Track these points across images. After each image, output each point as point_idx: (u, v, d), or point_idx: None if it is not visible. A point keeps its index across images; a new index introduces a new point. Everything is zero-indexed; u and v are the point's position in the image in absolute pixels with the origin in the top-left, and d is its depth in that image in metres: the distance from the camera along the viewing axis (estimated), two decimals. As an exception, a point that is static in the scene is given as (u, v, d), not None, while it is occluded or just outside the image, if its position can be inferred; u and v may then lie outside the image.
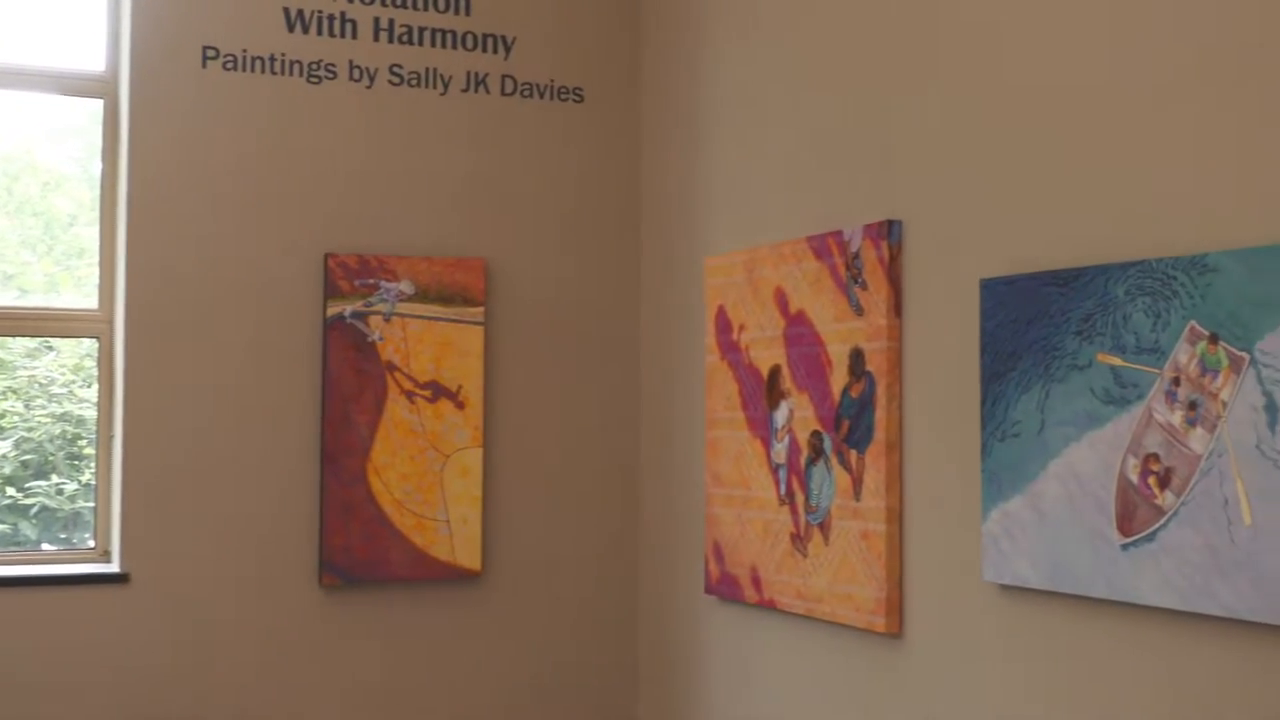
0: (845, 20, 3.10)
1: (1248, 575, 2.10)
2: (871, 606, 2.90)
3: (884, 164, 2.96)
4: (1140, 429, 2.28)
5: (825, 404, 3.06)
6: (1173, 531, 2.22)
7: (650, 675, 3.84)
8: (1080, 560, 2.39)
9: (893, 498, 2.88)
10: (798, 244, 3.16)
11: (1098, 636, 2.40)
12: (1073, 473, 2.41)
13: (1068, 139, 2.50)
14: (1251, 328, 2.10)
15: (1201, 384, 2.18)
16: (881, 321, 2.90)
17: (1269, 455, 2.07)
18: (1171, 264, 2.23)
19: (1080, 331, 2.40)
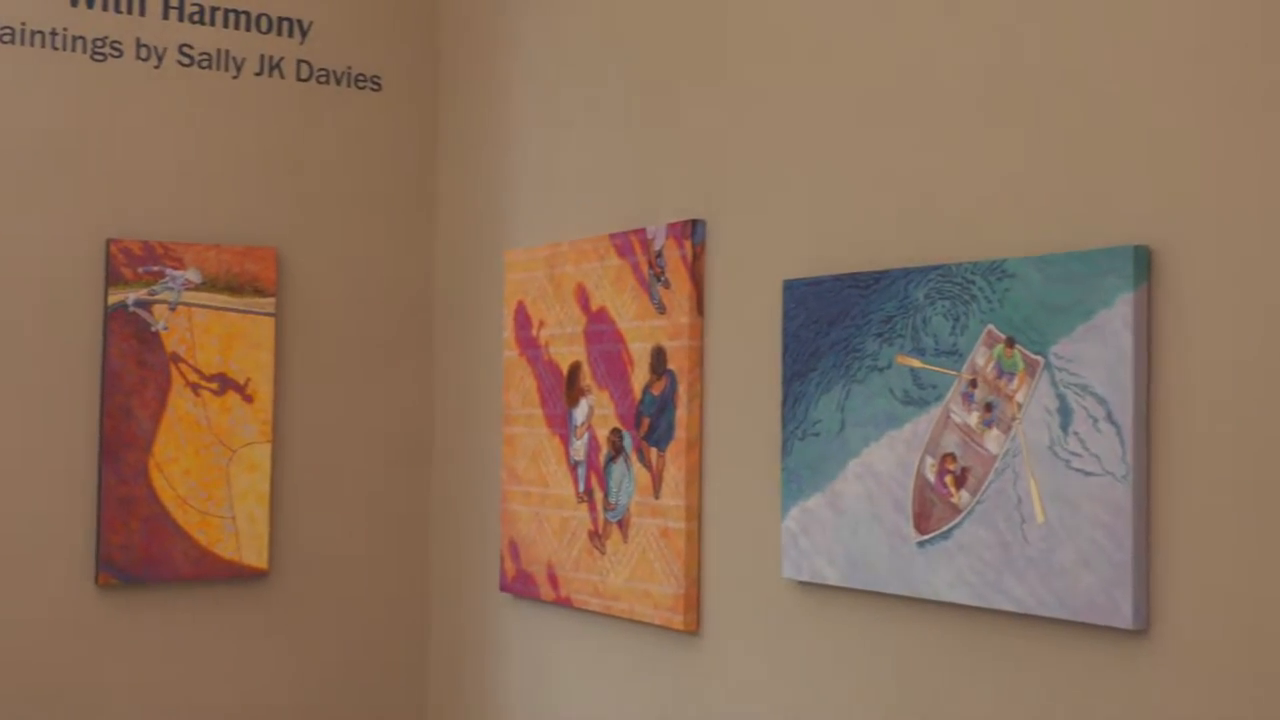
0: (651, 16, 3.11)
1: (1039, 571, 2.17)
2: (670, 604, 2.91)
3: (688, 163, 2.98)
4: (938, 429, 2.34)
5: (626, 401, 3.06)
6: (968, 529, 2.28)
7: (441, 674, 3.79)
8: (878, 557, 2.44)
9: (692, 495, 2.90)
10: (600, 241, 3.16)
11: (894, 632, 2.46)
12: (871, 472, 2.46)
13: (871, 143, 2.54)
14: (1047, 332, 2.17)
15: (998, 386, 2.24)
16: (684, 320, 2.91)
17: (1061, 455, 2.14)
18: (971, 269, 2.29)
19: (881, 333, 2.45)
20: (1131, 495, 2.05)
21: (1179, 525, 2.02)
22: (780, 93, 2.75)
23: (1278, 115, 1.92)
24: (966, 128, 2.36)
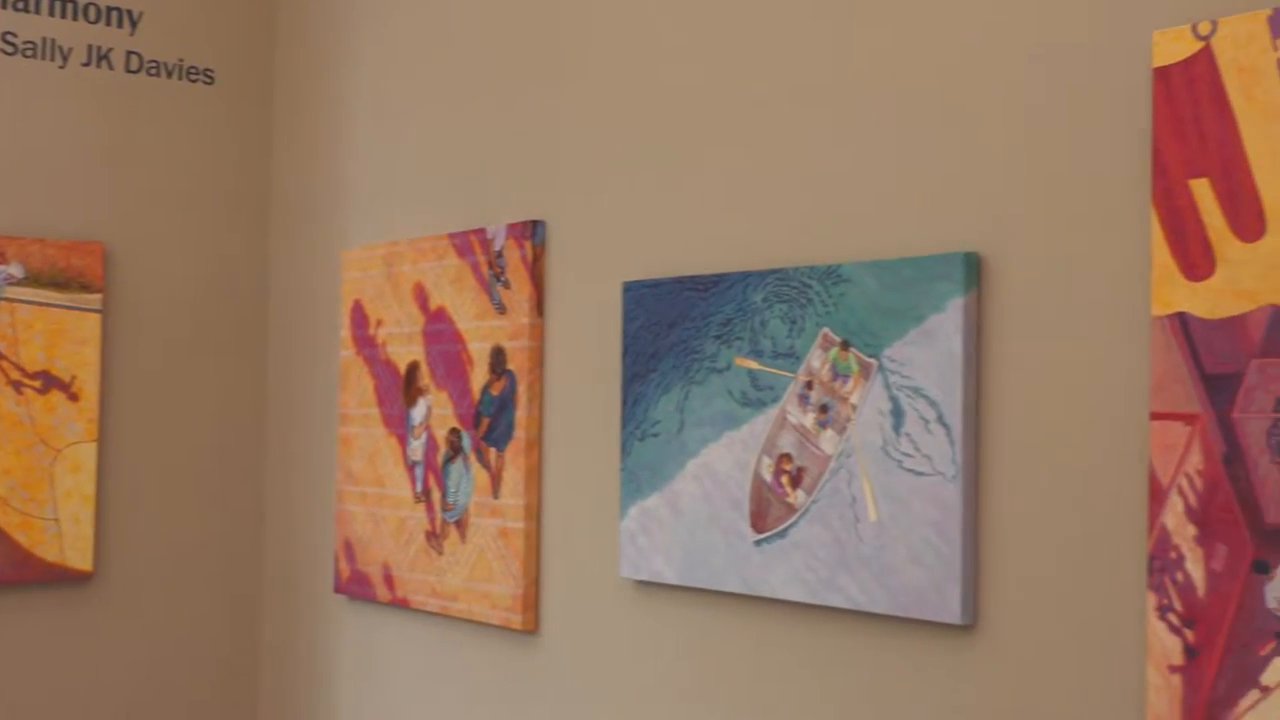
0: (493, 14, 3.11)
1: (871, 569, 2.23)
2: (508, 604, 2.92)
3: (529, 164, 2.98)
4: (775, 430, 2.39)
5: (465, 401, 3.06)
6: (803, 528, 2.33)
7: (273, 679, 3.74)
8: (715, 556, 2.48)
9: (532, 495, 2.91)
10: (439, 240, 3.15)
11: (731, 629, 2.50)
12: (710, 472, 2.50)
13: (711, 147, 2.58)
14: (880, 336, 2.23)
15: (833, 388, 2.29)
16: (524, 320, 2.92)
17: (893, 456, 2.20)
18: (808, 273, 2.35)
19: (720, 335, 2.49)
20: (960, 494, 2.12)
21: (1005, 523, 2.10)
22: (621, 94, 2.77)
23: (1099, 128, 2.01)
24: (806, 134, 2.41)
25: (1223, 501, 1.82)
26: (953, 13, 2.20)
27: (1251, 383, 1.79)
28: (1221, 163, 1.83)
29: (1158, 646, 1.87)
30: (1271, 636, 1.77)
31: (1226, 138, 1.83)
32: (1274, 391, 1.77)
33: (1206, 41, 1.85)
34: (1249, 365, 1.80)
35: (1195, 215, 1.86)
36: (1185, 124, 1.87)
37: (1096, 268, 2.00)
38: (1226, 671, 1.81)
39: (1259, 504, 1.78)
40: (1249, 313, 1.80)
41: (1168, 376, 1.87)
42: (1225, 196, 1.83)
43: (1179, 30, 1.88)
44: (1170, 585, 1.86)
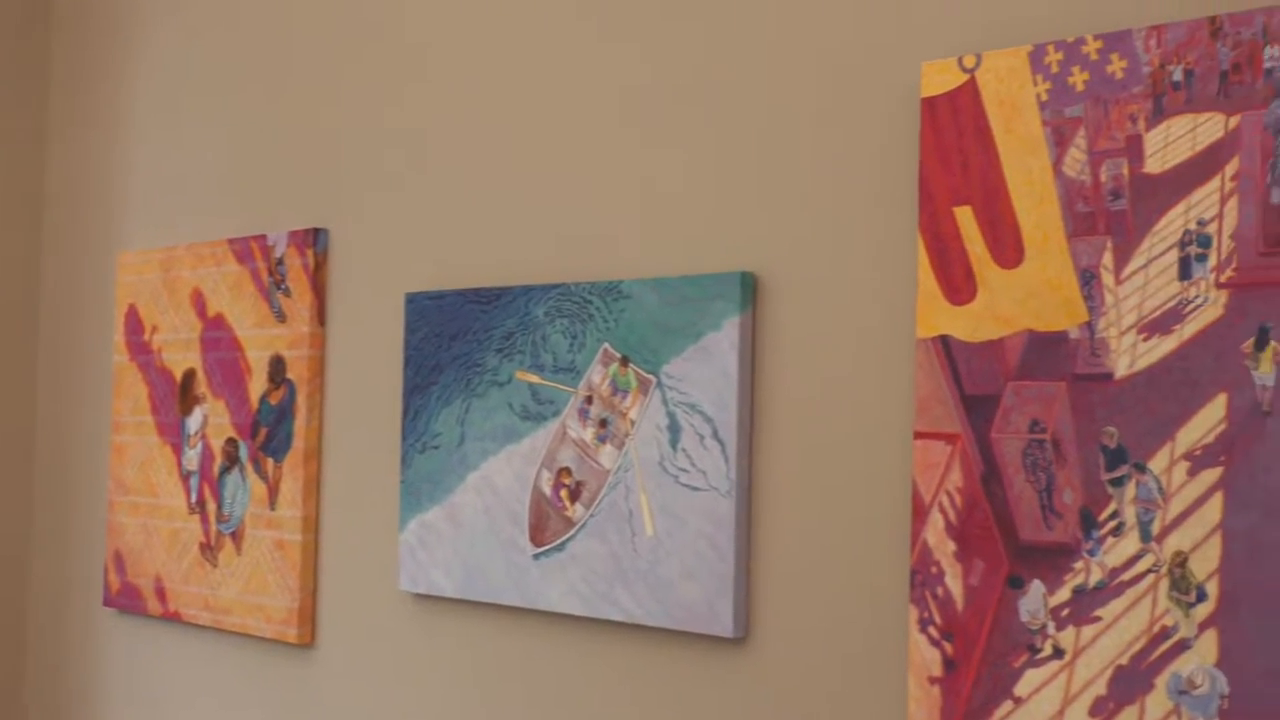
0: (279, 18, 3.06)
1: (647, 583, 2.25)
2: (283, 617, 2.87)
3: (313, 171, 2.94)
4: (555, 444, 2.39)
5: (243, 411, 2.99)
6: (581, 542, 2.34)
7: (40, 696, 3.61)
8: (494, 569, 2.47)
9: (309, 507, 2.86)
10: (218, 246, 3.08)
11: (509, 643, 2.50)
12: (490, 485, 2.49)
13: (496, 161, 2.58)
14: (659, 352, 2.26)
15: (613, 403, 2.31)
16: (304, 329, 2.87)
17: (670, 471, 2.23)
18: (589, 288, 2.36)
19: (501, 349, 2.49)
20: (734, 510, 2.15)
21: (776, 538, 2.14)
22: (408, 105, 2.75)
23: (872, 155, 2.06)
24: (590, 152, 2.43)
25: (980, 519, 1.88)
26: (733, 39, 2.24)
27: (1008, 404, 1.87)
28: (983, 192, 1.90)
29: (918, 658, 1.93)
30: (1024, 649, 1.84)
31: (988, 168, 1.90)
32: (1029, 413, 1.84)
33: (971, 74, 1.92)
34: (1006, 387, 1.87)
35: (959, 242, 1.92)
36: (950, 153, 1.93)
37: (866, 290, 2.06)
38: (982, 683, 1.87)
39: (1014, 521, 1.85)
40: (1007, 337, 1.87)
41: (930, 397, 1.94)
42: (987, 224, 1.90)
43: (946, 62, 1.95)
44: (930, 599, 1.93)
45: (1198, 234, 1.71)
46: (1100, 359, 1.79)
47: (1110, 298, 1.78)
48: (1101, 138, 1.80)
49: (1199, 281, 1.71)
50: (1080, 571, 1.79)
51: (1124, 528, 1.76)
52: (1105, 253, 1.79)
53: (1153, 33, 1.76)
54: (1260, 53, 1.67)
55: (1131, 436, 1.75)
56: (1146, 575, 1.74)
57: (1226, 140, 1.70)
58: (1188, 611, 1.70)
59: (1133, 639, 1.74)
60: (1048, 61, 1.85)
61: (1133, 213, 1.77)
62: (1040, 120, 1.86)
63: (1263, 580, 1.64)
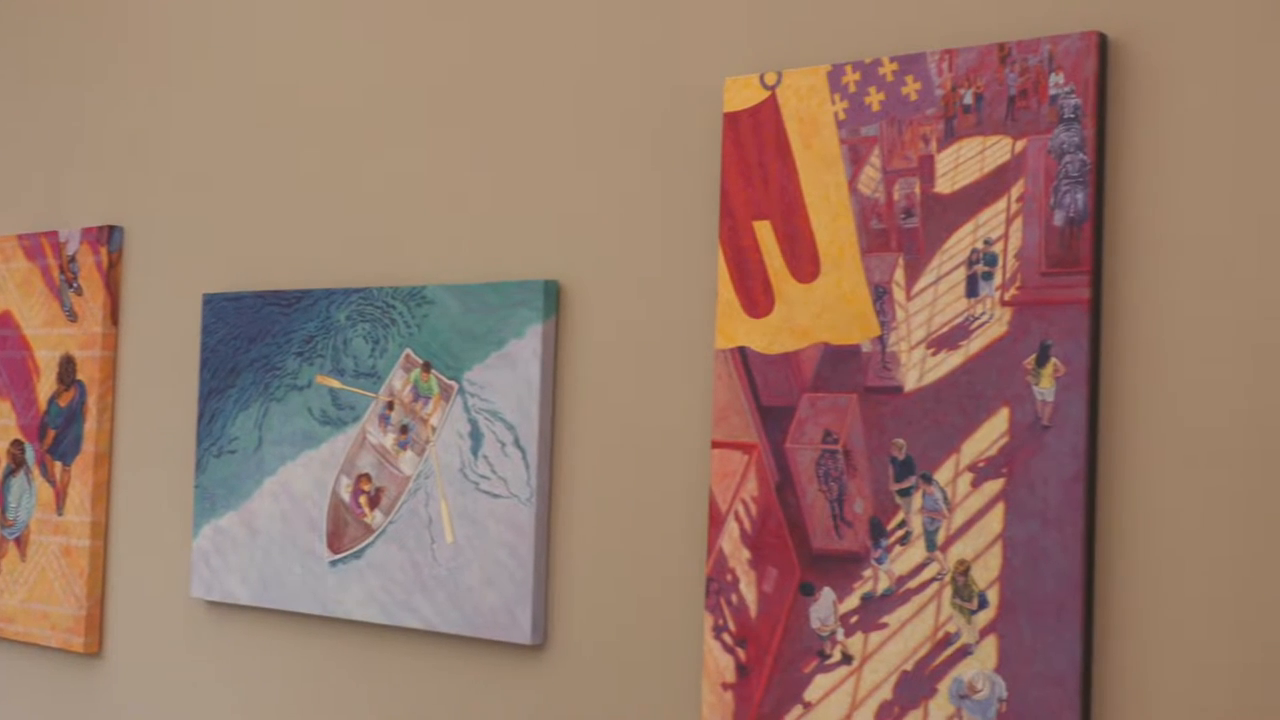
0: (75, 9, 2.97)
1: (447, 590, 2.24)
2: (69, 625, 2.78)
3: (108, 167, 2.86)
4: (355, 450, 2.37)
5: (30, 412, 2.89)
6: (380, 549, 2.32)
7: None
8: (290, 577, 2.43)
9: (99, 512, 2.78)
10: (7, 241, 2.97)
11: (306, 651, 2.46)
12: (287, 491, 2.45)
13: (298, 162, 2.54)
14: (462, 359, 2.25)
15: (414, 409, 2.30)
16: (97, 329, 2.79)
17: (471, 478, 2.22)
18: (392, 293, 2.34)
19: (301, 353, 2.45)
20: (534, 517, 2.16)
21: (576, 546, 2.15)
22: (208, 102, 2.69)
23: (676, 167, 2.09)
24: (395, 156, 2.41)
25: (774, 527, 1.92)
26: (540, 48, 2.25)
27: (803, 415, 1.90)
28: (782, 207, 1.94)
29: (713, 665, 1.96)
30: (815, 655, 1.88)
31: (787, 183, 1.94)
32: (823, 424, 1.88)
33: (772, 91, 1.96)
34: (801, 399, 1.91)
35: (757, 255, 1.96)
36: (751, 168, 1.97)
37: (667, 300, 2.08)
38: (774, 688, 1.91)
39: (807, 530, 1.89)
40: (802, 349, 1.91)
41: (728, 407, 1.97)
42: (785, 239, 1.93)
43: (748, 78, 1.98)
44: (725, 606, 1.95)
45: (984, 253, 1.77)
46: (891, 372, 1.83)
47: (901, 313, 1.83)
48: (895, 157, 1.85)
49: (985, 299, 1.77)
50: (869, 579, 1.84)
51: (911, 537, 1.81)
52: (897, 269, 1.84)
53: (945, 56, 1.82)
54: (1045, 80, 1.74)
55: (919, 448, 1.81)
56: (931, 583, 1.79)
57: (1013, 163, 1.76)
58: (970, 618, 1.76)
59: (918, 645, 1.80)
60: (845, 81, 1.90)
61: (924, 231, 1.82)
62: (837, 138, 1.90)
63: (1039, 588, 1.70)
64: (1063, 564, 1.69)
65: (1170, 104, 1.68)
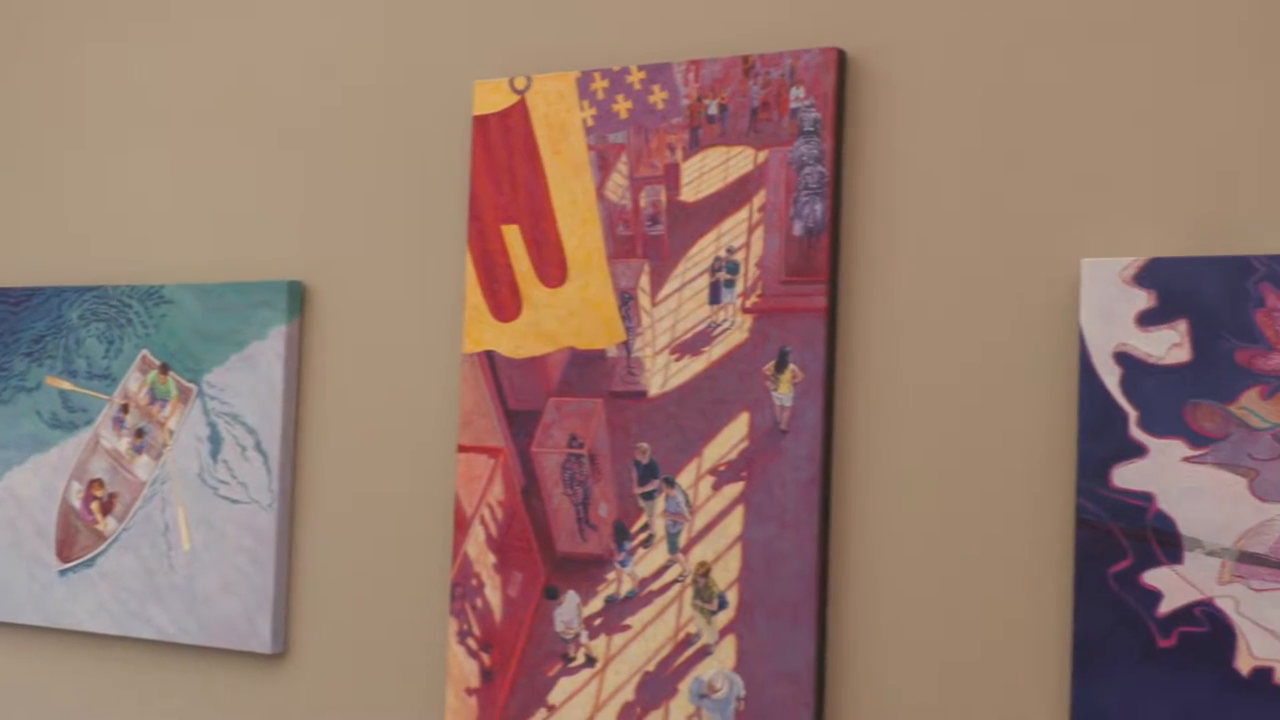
0: None
1: (183, 599, 2.17)
2: None
3: None
4: (87, 454, 2.28)
5: None
6: (113, 557, 2.24)
7: None
8: (17, 587, 2.33)
9: None
10: None
11: (32, 665, 2.35)
12: (14, 497, 2.35)
13: (29, 155, 2.44)
14: (202, 360, 2.19)
15: (150, 412, 2.22)
16: None
17: (210, 483, 2.16)
18: (128, 292, 2.26)
19: (30, 353, 2.35)
20: (275, 523, 2.11)
21: (319, 551, 2.11)
22: (-69, 89, 2.57)
23: (426, 169, 2.07)
24: (133, 152, 2.33)
25: (520, 531, 1.92)
26: (289, 45, 2.20)
27: (549, 419, 1.91)
28: (530, 212, 1.94)
29: (457, 670, 1.95)
30: (559, 658, 1.88)
31: (536, 188, 1.94)
32: (568, 428, 1.89)
33: (522, 96, 1.96)
34: (548, 403, 1.91)
35: (506, 259, 1.96)
36: (500, 172, 1.97)
37: (415, 303, 2.06)
38: (518, 692, 1.91)
39: (551, 533, 1.90)
40: (549, 354, 1.92)
41: (475, 411, 1.96)
42: (533, 244, 1.94)
43: (498, 82, 1.98)
44: (470, 611, 1.95)
45: (727, 261, 1.81)
46: (636, 377, 1.86)
47: (646, 319, 1.86)
48: (642, 165, 1.87)
49: (727, 306, 1.80)
50: (612, 582, 1.86)
51: (654, 539, 1.83)
52: (643, 275, 1.86)
53: (691, 67, 1.85)
54: (787, 93, 1.79)
55: (662, 452, 1.83)
56: (673, 585, 1.82)
57: (755, 173, 1.80)
58: (710, 619, 1.79)
59: (659, 646, 1.82)
60: (594, 88, 1.92)
61: (669, 238, 1.85)
62: (586, 144, 1.91)
63: (776, 589, 1.74)
64: (799, 565, 1.73)
65: (904, 119, 1.74)
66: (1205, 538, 1.52)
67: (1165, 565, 1.54)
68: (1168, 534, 1.54)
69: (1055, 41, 1.66)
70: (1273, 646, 1.49)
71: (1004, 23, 1.69)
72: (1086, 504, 1.57)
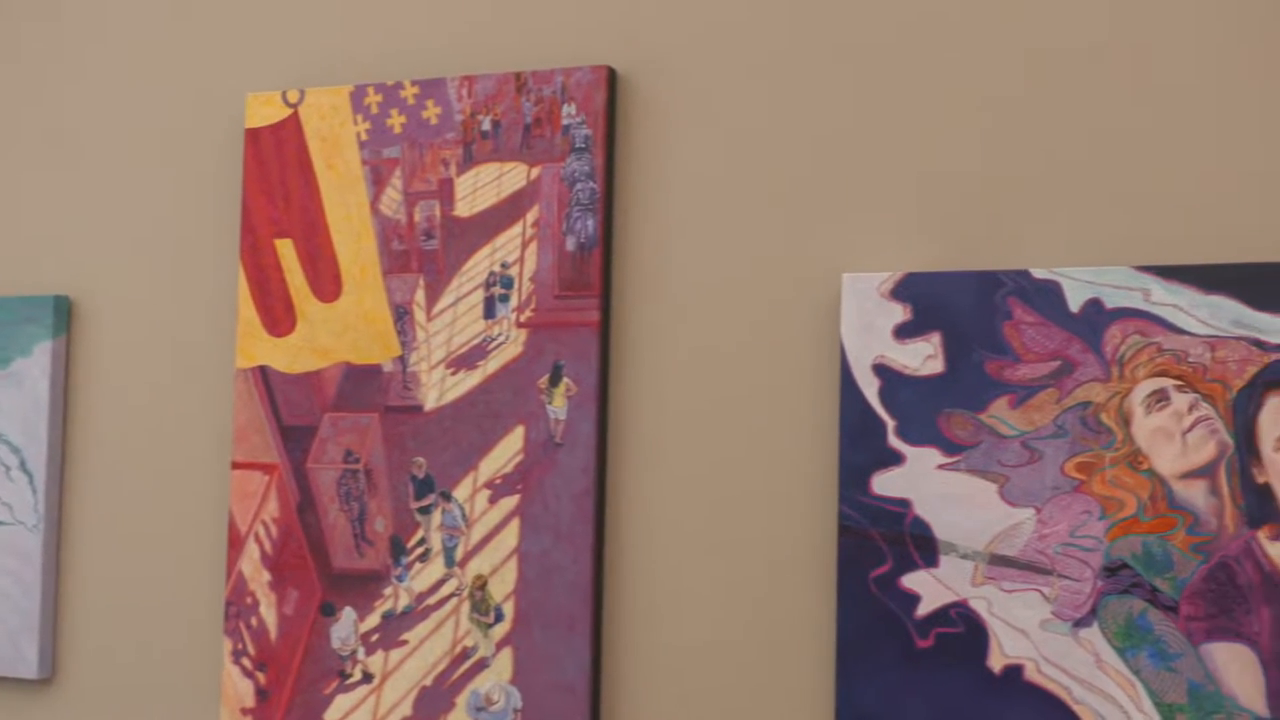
0: None
1: (-56, 625, 2.10)
2: None
3: None
4: None
5: None
6: None
7: None
8: None
9: None
10: None
11: None
12: None
13: None
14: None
15: (-93, 432, 2.14)
16: None
17: (-28, 505, 2.09)
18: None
19: None
20: (41, 544, 2.05)
21: (88, 573, 2.06)
22: None
23: (198, 182, 2.04)
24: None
25: (295, 548, 1.90)
26: (55, 54, 2.15)
27: (325, 435, 1.90)
28: (304, 225, 1.93)
29: (232, 690, 1.92)
30: (335, 675, 1.87)
31: (309, 202, 1.93)
32: (344, 444, 1.88)
33: (295, 109, 1.95)
34: (323, 418, 1.90)
35: (279, 273, 1.94)
36: (273, 185, 1.95)
37: (188, 319, 2.03)
38: (294, 710, 1.89)
39: (328, 550, 1.89)
40: (324, 369, 1.91)
41: (249, 427, 1.94)
42: (306, 258, 1.92)
43: (270, 95, 1.96)
44: (245, 630, 1.92)
45: (501, 275, 1.82)
46: (411, 392, 1.86)
47: (422, 333, 1.86)
48: (416, 179, 1.88)
49: (502, 320, 1.82)
50: (389, 597, 1.85)
51: (431, 554, 1.83)
52: (418, 290, 1.86)
53: (465, 83, 1.86)
54: (559, 110, 1.81)
55: (439, 466, 1.83)
56: (450, 599, 1.82)
57: (528, 189, 1.82)
58: (486, 632, 1.80)
59: (437, 660, 1.82)
60: (368, 102, 1.91)
61: (444, 253, 1.85)
62: (360, 159, 1.91)
63: (552, 600, 1.76)
64: (574, 576, 1.76)
65: (674, 136, 1.78)
66: (959, 542, 1.59)
67: (922, 569, 1.60)
68: (924, 539, 1.60)
69: (820, 62, 1.72)
70: (1023, 645, 1.56)
71: (771, 42, 1.74)
72: (848, 511, 1.62)
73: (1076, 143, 1.60)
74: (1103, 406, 1.54)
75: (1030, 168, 1.62)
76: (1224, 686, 1.49)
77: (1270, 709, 1.47)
